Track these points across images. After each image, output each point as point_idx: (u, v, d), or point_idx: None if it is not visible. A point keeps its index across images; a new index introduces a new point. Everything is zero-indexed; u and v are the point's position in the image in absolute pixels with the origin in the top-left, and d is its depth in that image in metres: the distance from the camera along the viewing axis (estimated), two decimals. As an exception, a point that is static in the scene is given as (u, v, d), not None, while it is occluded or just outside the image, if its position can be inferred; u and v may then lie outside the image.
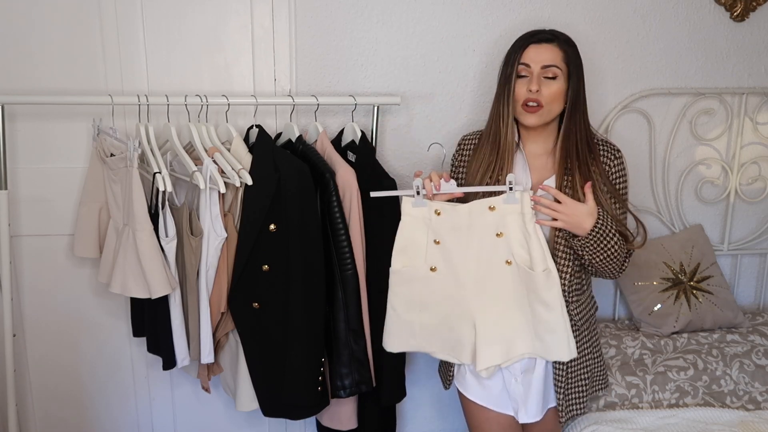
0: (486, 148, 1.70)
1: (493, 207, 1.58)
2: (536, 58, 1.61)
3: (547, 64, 1.60)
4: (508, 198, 1.57)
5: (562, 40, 1.64)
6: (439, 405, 2.43)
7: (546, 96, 1.61)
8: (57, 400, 2.21)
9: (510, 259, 1.60)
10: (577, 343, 1.70)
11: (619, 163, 1.70)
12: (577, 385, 1.75)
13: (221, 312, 1.83)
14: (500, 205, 1.58)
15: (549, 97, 1.61)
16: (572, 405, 1.76)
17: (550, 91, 1.61)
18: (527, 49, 1.63)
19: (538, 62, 1.61)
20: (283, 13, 2.01)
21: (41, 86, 1.95)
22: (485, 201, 1.59)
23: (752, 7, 2.20)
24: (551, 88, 1.61)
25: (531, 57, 1.62)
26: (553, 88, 1.61)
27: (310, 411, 1.88)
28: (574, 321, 1.69)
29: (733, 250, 2.41)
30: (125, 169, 1.75)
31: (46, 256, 2.08)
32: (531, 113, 1.62)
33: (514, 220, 1.58)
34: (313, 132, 1.96)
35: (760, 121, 2.32)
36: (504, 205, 1.57)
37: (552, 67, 1.61)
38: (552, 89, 1.61)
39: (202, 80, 2.03)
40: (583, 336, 1.74)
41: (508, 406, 1.78)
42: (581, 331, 1.73)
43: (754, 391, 2.01)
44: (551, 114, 1.64)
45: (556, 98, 1.62)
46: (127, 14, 1.95)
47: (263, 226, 1.73)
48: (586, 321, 1.75)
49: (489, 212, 1.59)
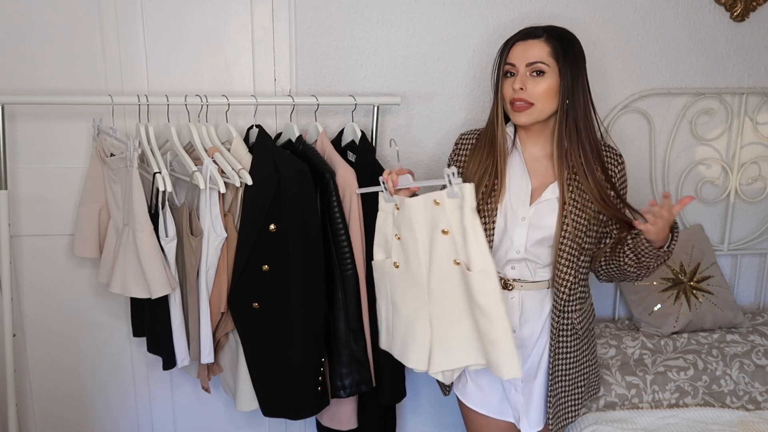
0: (483, 151, 1.66)
1: (438, 202, 1.47)
2: (521, 55, 1.56)
3: (531, 61, 1.54)
4: (450, 192, 1.44)
5: (552, 35, 1.56)
6: (438, 405, 2.43)
7: (535, 94, 1.54)
8: (57, 400, 2.21)
9: (458, 260, 1.49)
10: (577, 352, 1.70)
11: (621, 170, 1.66)
12: (573, 395, 1.73)
13: (221, 312, 1.83)
14: (444, 199, 1.45)
15: (538, 95, 1.54)
16: (565, 414, 1.73)
17: (538, 89, 1.54)
18: (513, 47, 1.58)
19: (523, 60, 1.56)
20: (283, 13, 2.01)
21: (41, 86, 1.95)
22: (430, 195, 1.49)
23: (752, 7, 2.20)
24: (539, 86, 1.54)
25: (516, 55, 1.57)
26: (541, 86, 1.54)
27: (310, 411, 1.88)
28: (575, 330, 1.68)
29: (733, 250, 2.41)
30: (125, 169, 1.75)
31: (46, 256, 2.08)
32: (519, 112, 1.57)
33: (456, 216, 1.46)
34: (313, 132, 1.96)
35: (760, 121, 2.32)
36: (447, 200, 1.45)
37: (537, 63, 1.54)
38: (540, 86, 1.54)
39: (202, 80, 2.03)
40: (583, 345, 1.72)
41: (509, 414, 1.77)
42: (581, 339, 1.71)
43: (754, 391, 2.01)
44: (544, 112, 1.57)
45: (547, 95, 1.55)
46: (127, 14, 1.95)
47: (263, 226, 1.73)
48: (586, 329, 1.73)
49: (435, 207, 1.48)
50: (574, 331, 1.68)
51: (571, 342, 1.69)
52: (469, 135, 1.74)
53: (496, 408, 1.77)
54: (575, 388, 1.73)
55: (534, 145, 1.66)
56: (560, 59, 1.54)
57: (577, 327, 1.68)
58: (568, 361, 1.69)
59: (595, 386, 1.85)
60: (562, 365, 1.69)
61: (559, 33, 1.58)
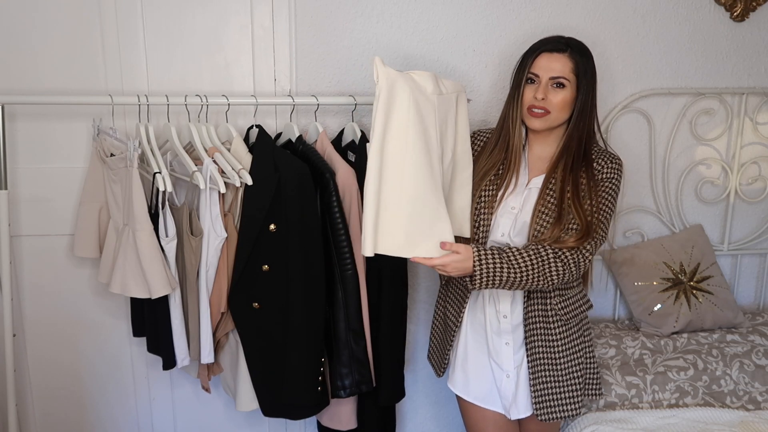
0: (495, 147, 1.75)
1: None
2: (546, 66, 1.64)
3: (555, 75, 1.64)
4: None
5: (575, 50, 1.65)
6: (438, 405, 2.43)
7: (553, 104, 1.64)
8: (57, 399, 2.21)
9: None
10: (565, 341, 1.72)
11: (611, 169, 1.69)
12: (564, 387, 1.73)
13: (221, 312, 1.83)
14: None
15: (556, 105, 1.64)
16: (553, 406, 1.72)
17: (557, 99, 1.64)
18: (539, 57, 1.66)
19: (548, 71, 1.64)
20: (283, 13, 2.01)
21: (41, 86, 1.95)
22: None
23: (752, 7, 2.20)
24: (558, 97, 1.64)
25: (541, 66, 1.65)
26: (560, 97, 1.64)
27: (310, 411, 1.88)
28: (559, 315, 1.71)
29: (733, 250, 2.41)
30: (125, 169, 1.75)
31: (46, 256, 2.08)
32: (536, 117, 1.66)
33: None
34: (313, 132, 1.96)
35: (760, 121, 2.32)
36: None
37: (561, 78, 1.64)
38: (559, 98, 1.64)
39: (202, 80, 2.03)
40: (572, 332, 1.74)
41: (498, 404, 1.80)
42: (569, 328, 1.73)
43: (754, 391, 2.01)
44: (557, 120, 1.67)
45: (564, 106, 1.65)
46: (127, 14, 1.95)
47: (263, 226, 1.73)
48: (575, 317, 1.75)
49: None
50: (558, 317, 1.70)
51: (555, 328, 1.71)
52: (483, 133, 1.84)
53: (484, 397, 1.81)
54: (566, 380, 1.73)
55: (541, 146, 1.75)
56: (580, 75, 1.65)
57: (561, 313, 1.71)
58: (553, 349, 1.72)
59: (594, 384, 1.85)
60: (544, 351, 1.71)
61: (581, 49, 1.67)
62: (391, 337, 1.92)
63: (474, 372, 1.83)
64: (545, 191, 1.68)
